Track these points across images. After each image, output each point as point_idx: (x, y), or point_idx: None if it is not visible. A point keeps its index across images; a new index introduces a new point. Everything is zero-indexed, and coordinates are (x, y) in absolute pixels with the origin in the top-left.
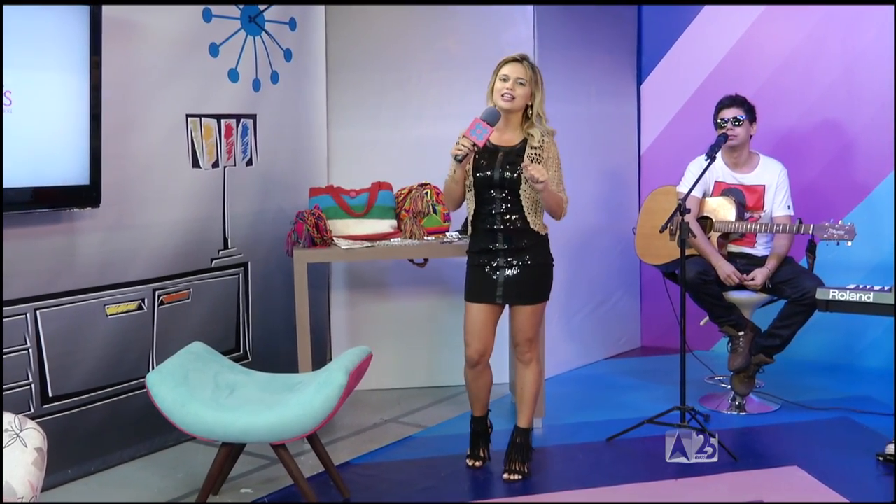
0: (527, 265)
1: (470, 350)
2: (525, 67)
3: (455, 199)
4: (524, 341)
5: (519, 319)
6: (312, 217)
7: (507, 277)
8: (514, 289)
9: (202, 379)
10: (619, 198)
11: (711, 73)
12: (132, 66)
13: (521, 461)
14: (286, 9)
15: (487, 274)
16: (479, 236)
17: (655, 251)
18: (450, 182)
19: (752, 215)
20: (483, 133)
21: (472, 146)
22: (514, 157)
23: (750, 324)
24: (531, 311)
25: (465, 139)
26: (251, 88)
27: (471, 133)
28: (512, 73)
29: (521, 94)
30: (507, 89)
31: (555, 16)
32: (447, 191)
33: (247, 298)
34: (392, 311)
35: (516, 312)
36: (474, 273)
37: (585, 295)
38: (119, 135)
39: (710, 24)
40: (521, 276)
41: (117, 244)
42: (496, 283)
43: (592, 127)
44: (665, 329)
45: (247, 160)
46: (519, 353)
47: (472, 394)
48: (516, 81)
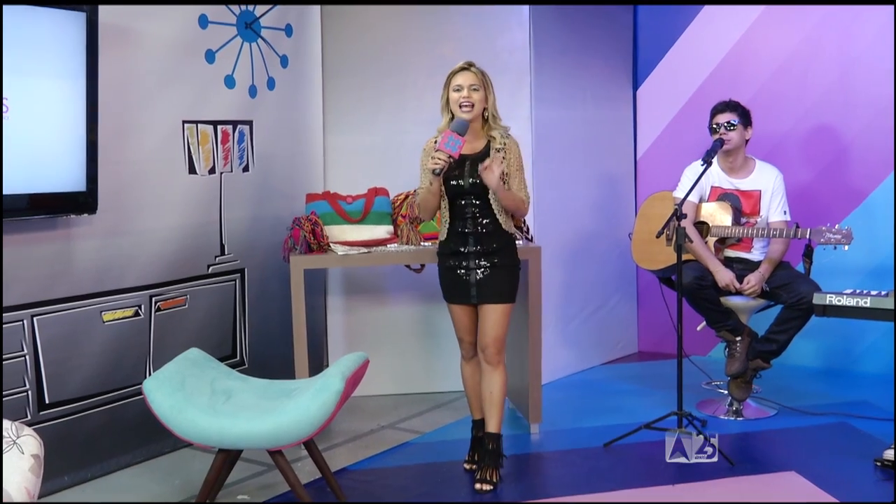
0: (496, 266)
1: (464, 345)
2: (475, 73)
3: (432, 209)
4: (492, 342)
5: (490, 318)
6: (309, 223)
7: (479, 279)
8: (486, 289)
9: (199, 385)
10: (616, 203)
11: (707, 77)
12: (128, 72)
13: (494, 468)
14: (282, 15)
15: (460, 276)
16: (451, 239)
17: (652, 256)
18: (426, 194)
19: (749, 220)
20: (457, 144)
21: (448, 158)
22: (481, 163)
23: (747, 328)
24: (501, 310)
25: (440, 153)
26: (247, 94)
27: (445, 146)
28: (464, 81)
29: (477, 99)
30: (465, 98)
31: (550, 21)
32: (424, 202)
33: (243, 304)
34: (389, 317)
35: (486, 312)
36: (447, 275)
37: (582, 300)
38: (115, 141)
39: (705, 28)
40: (492, 277)
41: (114, 250)
42: (469, 283)
43: (588, 132)
44: (662, 334)
45: (243, 166)
46: (487, 356)
47: (469, 390)
48: (470, 88)
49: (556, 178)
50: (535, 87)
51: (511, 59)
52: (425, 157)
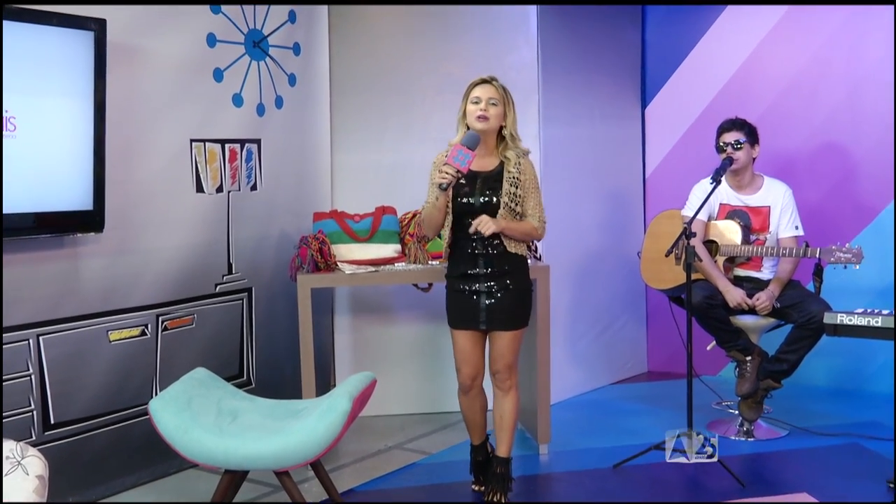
0: (508, 289)
1: (462, 376)
2: (496, 87)
3: (437, 225)
4: (504, 368)
5: (499, 345)
6: (316, 242)
7: (490, 303)
8: (496, 314)
9: (205, 405)
10: (624, 221)
11: (716, 96)
12: (136, 90)
13: (502, 491)
14: (290, 34)
15: (469, 299)
16: (460, 260)
17: (661, 276)
18: (432, 210)
19: (759, 237)
20: (466, 158)
21: (457, 173)
22: (492, 183)
23: (757, 348)
24: (512, 336)
25: (448, 167)
26: (255, 113)
27: (454, 160)
28: (483, 94)
29: (494, 114)
30: (481, 111)
31: (558, 39)
32: (429, 218)
33: (250, 324)
34: (396, 337)
35: (496, 338)
36: (455, 299)
37: (590, 319)
38: (123, 160)
39: (714, 46)
40: (503, 301)
41: (120, 269)
42: (478, 308)
43: (597, 150)
44: (671, 354)
45: (251, 185)
46: (498, 381)
47: (468, 420)
48: (489, 102)
49: (564, 196)
50: (543, 106)
51: (519, 78)
52: (434, 171)
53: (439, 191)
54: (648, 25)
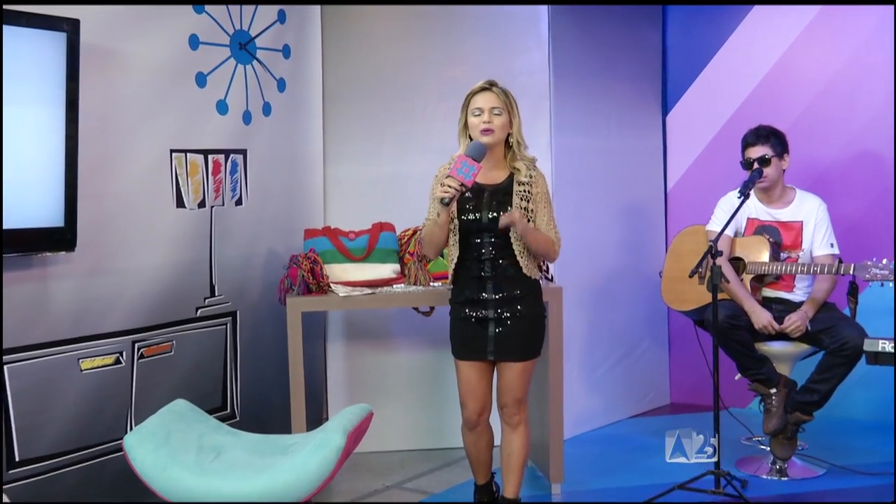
0: (519, 316)
1: (468, 411)
2: (497, 94)
3: (438, 245)
4: (513, 402)
5: (509, 377)
6: (307, 261)
7: (499, 331)
8: (506, 344)
9: (185, 440)
10: (644, 238)
11: (743, 102)
12: (112, 97)
13: None
14: (279, 35)
15: (476, 327)
16: (466, 285)
17: (683, 296)
18: (433, 227)
19: (789, 255)
20: (471, 171)
21: (461, 186)
22: (501, 197)
23: (783, 378)
24: (522, 367)
25: (451, 179)
26: (241, 121)
27: (457, 172)
28: (485, 103)
29: (499, 124)
30: (485, 123)
31: (571, 41)
32: (429, 236)
33: (235, 351)
34: (395, 365)
35: (506, 369)
36: (461, 327)
37: (607, 346)
38: (97, 172)
39: (741, 49)
40: (513, 329)
41: (93, 292)
42: (486, 337)
43: (614, 162)
44: (697, 383)
45: (236, 199)
46: (506, 416)
47: (473, 458)
48: (492, 112)
49: (578, 211)
50: (555, 114)
51: (528, 83)
52: (436, 185)
53: (441, 206)
54: (669, 26)
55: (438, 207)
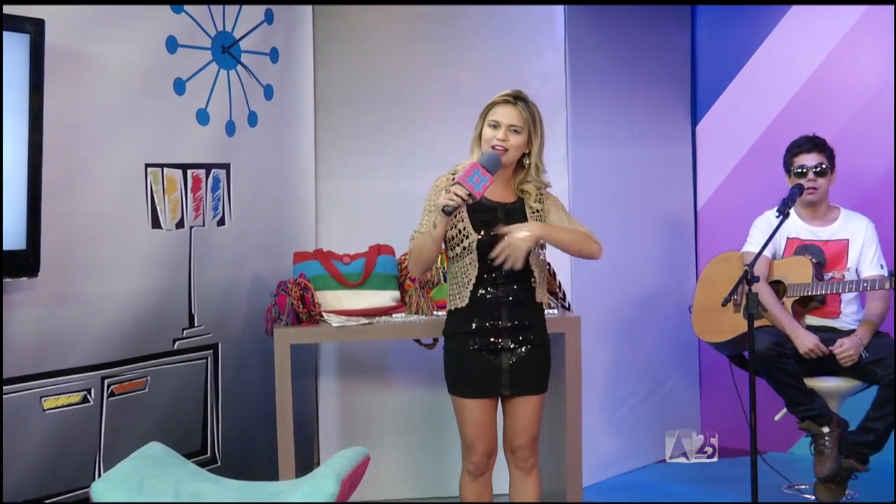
0: (532, 345)
1: (476, 455)
2: (520, 110)
3: (427, 260)
4: (529, 442)
5: (522, 415)
6: (297, 288)
7: (513, 362)
8: (523, 376)
9: (161, 488)
10: (672, 263)
11: (782, 110)
12: (80, 105)
13: None
14: (267, 37)
15: (486, 359)
16: (477, 311)
17: (716, 326)
18: (426, 240)
19: (833, 276)
20: (482, 182)
21: (468, 197)
22: (516, 218)
23: (836, 417)
24: (537, 402)
25: (459, 187)
26: (224, 132)
27: (467, 180)
28: (504, 118)
29: (515, 143)
30: (499, 140)
31: (591, 43)
32: (419, 250)
33: (216, 388)
34: (394, 404)
35: (520, 406)
36: (467, 360)
37: (631, 382)
38: (63, 189)
39: (779, 51)
40: (528, 360)
41: (59, 322)
42: (500, 370)
43: (637, 177)
44: (731, 425)
45: (218, 219)
46: (520, 459)
47: None
48: (509, 129)
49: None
50: (572, 123)
51: (543, 89)
52: (434, 195)
53: (441, 215)
54: (699, 28)
55: (437, 217)
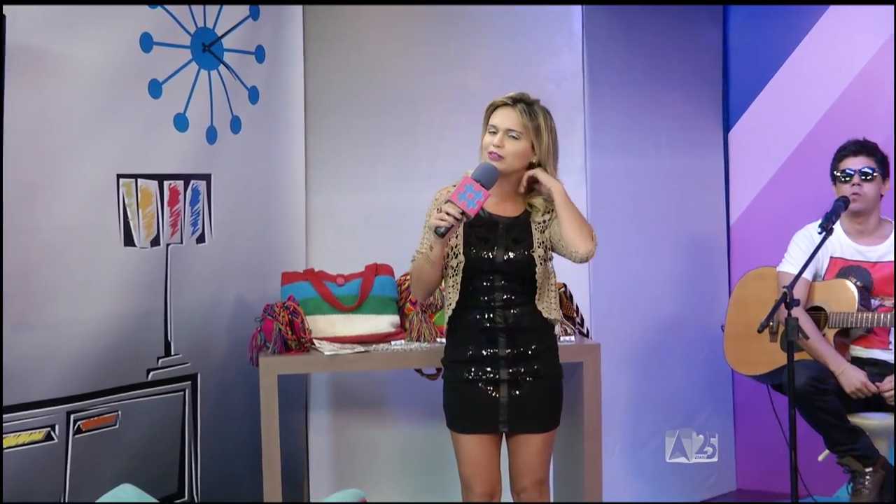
0: (537, 377)
1: (473, 496)
2: (519, 113)
3: (429, 284)
4: (535, 484)
5: (528, 453)
6: (286, 312)
7: (514, 395)
8: (523, 411)
9: None
10: (703, 282)
11: (823, 116)
12: (45, 110)
13: None
14: (252, 34)
15: (483, 391)
16: (469, 338)
17: (751, 356)
18: (423, 263)
19: (883, 303)
20: (475, 198)
21: (461, 215)
22: (520, 234)
23: (882, 459)
24: (543, 440)
25: (451, 206)
26: (205, 139)
27: (459, 197)
28: (501, 122)
29: (512, 151)
30: (494, 146)
31: (611, 42)
32: (419, 273)
33: (195, 424)
34: (393, 441)
35: (523, 444)
36: (463, 392)
37: (658, 417)
38: (26, 202)
39: (820, 50)
40: (531, 393)
41: (19, 350)
42: (497, 403)
43: (663, 188)
44: (769, 466)
45: (197, 235)
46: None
47: None
48: (507, 134)
49: (619, 249)
50: (591, 129)
51: (558, 92)
52: (434, 210)
53: (435, 237)
54: (731, 27)
55: (432, 239)
